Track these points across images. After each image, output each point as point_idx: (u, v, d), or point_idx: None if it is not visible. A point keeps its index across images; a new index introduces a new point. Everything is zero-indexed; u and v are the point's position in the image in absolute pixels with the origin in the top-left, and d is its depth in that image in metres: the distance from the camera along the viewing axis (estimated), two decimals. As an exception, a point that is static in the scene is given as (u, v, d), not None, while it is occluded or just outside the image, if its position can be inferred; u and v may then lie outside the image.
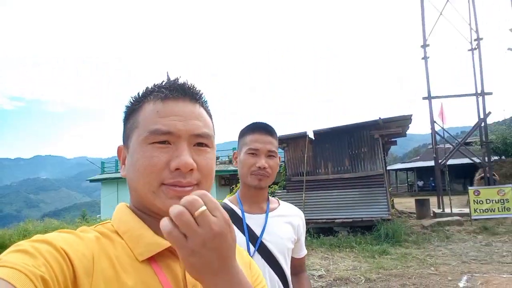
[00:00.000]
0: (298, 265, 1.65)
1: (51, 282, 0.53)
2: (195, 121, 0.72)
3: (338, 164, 11.48)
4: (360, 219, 10.55)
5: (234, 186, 20.44)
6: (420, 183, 31.95)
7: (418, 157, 36.09)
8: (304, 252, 1.69)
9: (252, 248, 1.46)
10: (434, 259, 7.73)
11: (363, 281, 6.52)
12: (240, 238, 1.45)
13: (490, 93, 13.31)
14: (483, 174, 13.81)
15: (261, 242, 1.48)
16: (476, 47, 13.78)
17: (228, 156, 25.44)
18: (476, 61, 13.71)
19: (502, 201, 10.40)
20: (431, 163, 29.92)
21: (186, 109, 0.72)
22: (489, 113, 13.11)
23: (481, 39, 13.63)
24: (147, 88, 0.75)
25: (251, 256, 1.38)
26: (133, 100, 0.76)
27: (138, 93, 0.76)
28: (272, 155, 1.54)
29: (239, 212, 1.55)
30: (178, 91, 0.73)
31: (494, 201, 10.42)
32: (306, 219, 1.75)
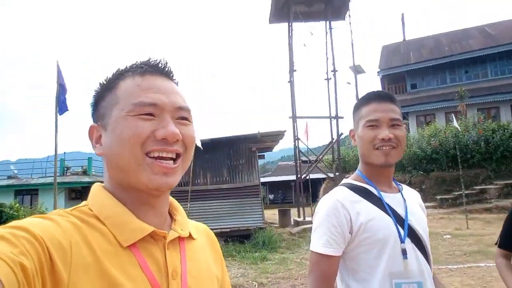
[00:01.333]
0: None
1: (29, 270, 0.52)
2: (177, 95, 0.74)
3: (217, 175, 11.67)
4: (237, 228, 10.90)
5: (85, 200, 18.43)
6: (271, 197, 34.88)
7: (270, 173, 39.44)
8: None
9: (401, 231, 1.25)
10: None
11: (256, 286, 6.75)
12: (387, 220, 1.25)
13: (341, 117, 15.71)
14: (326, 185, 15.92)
15: (409, 225, 1.27)
16: (331, 77, 16.12)
17: (82, 167, 22.94)
18: (331, 89, 16.03)
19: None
20: (282, 178, 33.62)
21: (167, 84, 0.75)
22: (341, 134, 15.46)
23: (337, 71, 16.02)
24: (120, 68, 0.76)
25: (403, 242, 1.23)
26: (107, 80, 0.76)
27: (112, 73, 0.76)
28: (397, 124, 1.30)
29: (373, 190, 1.32)
30: (155, 68, 0.75)
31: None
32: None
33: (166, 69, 0.77)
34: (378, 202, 1.29)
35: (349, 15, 17.28)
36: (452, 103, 19.90)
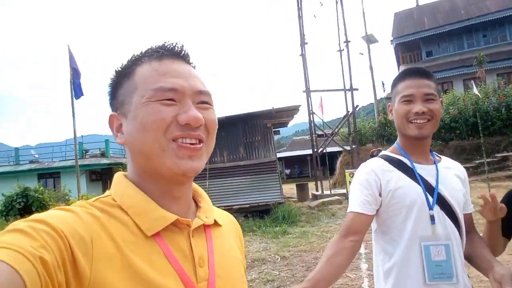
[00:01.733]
0: (468, 223, 1.50)
1: (51, 264, 0.51)
2: (196, 79, 0.72)
3: (234, 152, 11.72)
4: (257, 203, 11.01)
5: (108, 180, 18.87)
6: (288, 171, 35.04)
7: (285, 148, 39.45)
8: (472, 208, 1.55)
9: (430, 199, 1.37)
10: (330, 233, 8.62)
11: (278, 259, 6.86)
12: (416, 189, 1.38)
13: (356, 89, 15.46)
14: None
15: (438, 194, 1.38)
16: (344, 48, 15.76)
17: (100, 149, 23.35)
18: (344, 60, 15.71)
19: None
20: (298, 152, 33.63)
21: (185, 68, 0.72)
22: (357, 106, 15.26)
23: (349, 41, 15.65)
24: (136, 54, 0.74)
25: (431, 209, 1.35)
26: (122, 67, 0.74)
27: (128, 59, 0.74)
28: (431, 99, 1.39)
29: (407, 162, 1.44)
30: (171, 51, 0.73)
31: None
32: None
33: (183, 52, 0.75)
34: (410, 172, 1.41)
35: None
36: (470, 69, 19.41)
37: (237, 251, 0.85)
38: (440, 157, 1.53)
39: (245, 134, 11.78)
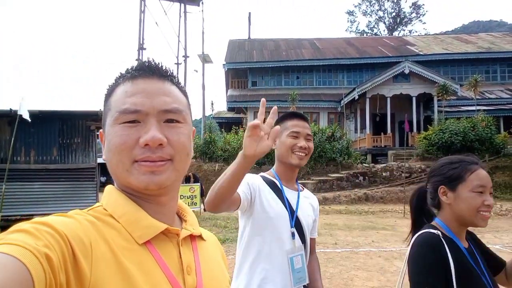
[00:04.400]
0: (311, 245, 1.82)
1: (55, 261, 0.53)
2: (163, 97, 0.73)
3: (44, 153, 10.08)
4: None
5: None
6: (103, 179, 32.38)
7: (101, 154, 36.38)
8: (316, 233, 1.90)
9: (290, 219, 1.67)
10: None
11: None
12: (281, 208, 1.67)
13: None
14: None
15: (297, 217, 1.70)
16: (182, 62, 15.93)
17: None
18: (181, 74, 15.83)
19: (191, 196, 12.51)
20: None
21: (154, 86, 0.73)
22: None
23: (188, 57, 15.93)
24: (120, 73, 0.78)
25: (292, 227, 1.66)
26: (108, 87, 0.78)
27: (114, 80, 0.79)
28: (309, 139, 1.75)
29: (278, 184, 1.74)
30: (145, 70, 0.75)
31: (186, 197, 12.32)
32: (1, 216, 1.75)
33: (158, 70, 0.75)
34: (279, 192, 1.72)
35: (202, 2, 17.36)
36: (285, 104, 22.30)
37: (222, 262, 0.90)
38: (303, 188, 1.89)
39: (62, 134, 10.31)
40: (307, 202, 1.83)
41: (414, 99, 23.25)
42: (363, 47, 31.43)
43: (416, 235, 1.49)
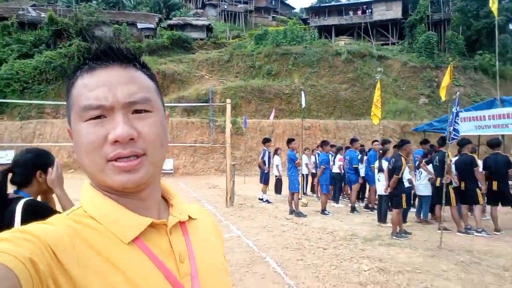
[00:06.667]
0: None
1: (40, 266, 0.52)
2: (127, 87, 0.67)
3: None
4: None
5: None
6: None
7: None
8: None
9: None
10: None
11: None
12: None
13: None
14: None
15: None
16: None
17: None
18: None
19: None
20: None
21: (116, 76, 0.67)
22: None
23: None
24: (78, 63, 0.72)
25: None
26: (68, 80, 0.72)
27: (73, 70, 0.72)
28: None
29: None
30: (103, 59, 0.68)
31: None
32: None
33: (118, 56, 0.69)
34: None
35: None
36: None
37: (215, 241, 0.85)
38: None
39: None
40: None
41: None
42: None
43: None
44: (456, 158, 7.80)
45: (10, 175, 1.91)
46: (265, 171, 11.25)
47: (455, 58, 29.31)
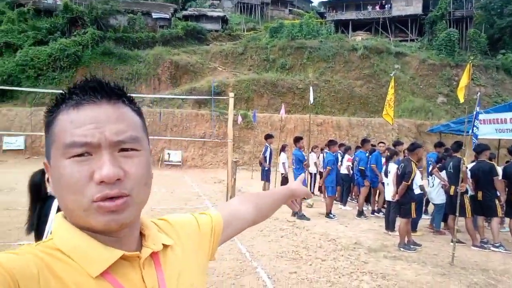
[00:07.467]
0: None
1: None
2: (115, 125, 0.66)
3: None
4: None
5: None
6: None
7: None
8: None
9: None
10: None
11: None
12: None
13: None
14: None
15: None
16: None
17: None
18: None
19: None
20: None
21: (103, 114, 0.65)
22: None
23: None
24: (60, 95, 0.68)
25: None
26: (48, 111, 0.69)
27: (53, 102, 0.69)
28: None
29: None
30: (91, 94, 0.66)
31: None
32: None
33: (107, 92, 0.67)
34: None
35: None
36: None
37: (195, 255, 0.83)
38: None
39: None
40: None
41: None
42: None
43: None
44: (473, 164, 7.21)
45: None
46: (266, 168, 10.86)
47: (477, 57, 28.50)
